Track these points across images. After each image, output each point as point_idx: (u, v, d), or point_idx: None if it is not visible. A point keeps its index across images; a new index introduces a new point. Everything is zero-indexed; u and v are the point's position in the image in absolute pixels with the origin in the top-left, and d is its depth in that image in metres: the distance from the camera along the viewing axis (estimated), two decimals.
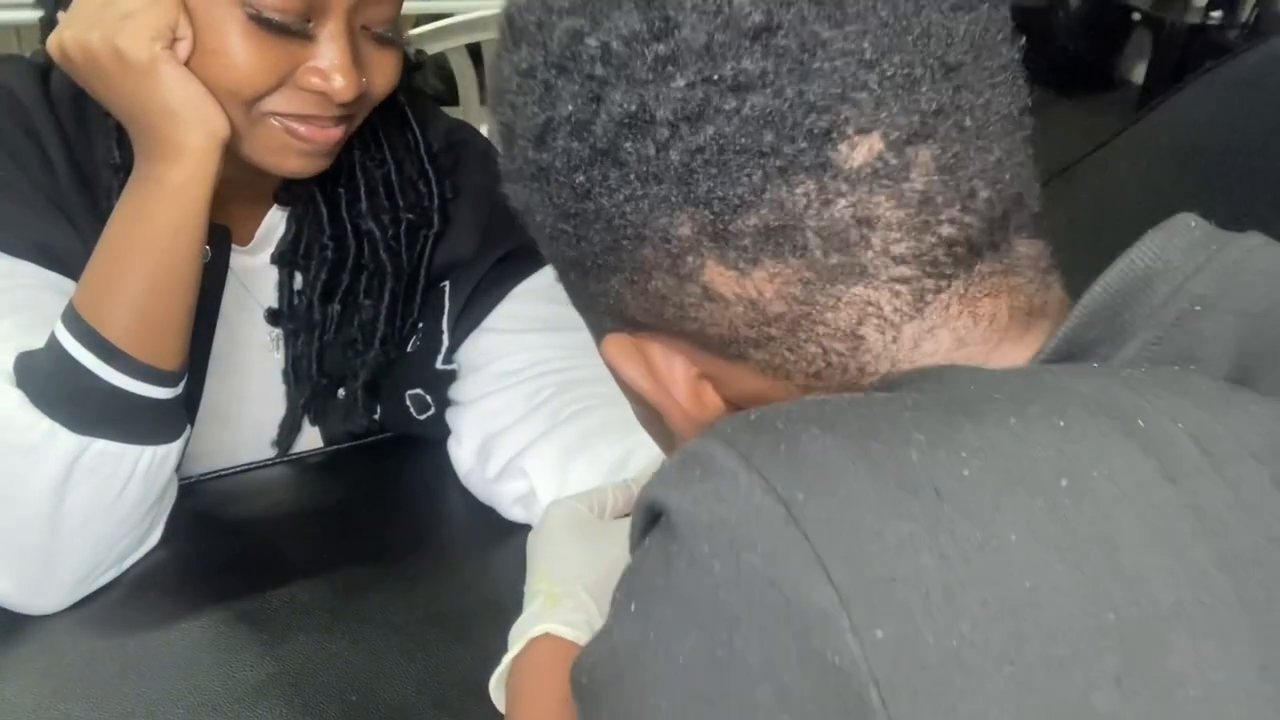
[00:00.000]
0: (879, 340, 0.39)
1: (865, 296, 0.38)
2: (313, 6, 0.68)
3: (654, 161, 0.37)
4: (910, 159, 0.37)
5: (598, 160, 0.38)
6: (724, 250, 0.38)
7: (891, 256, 0.38)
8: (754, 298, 0.39)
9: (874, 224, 0.37)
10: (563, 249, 0.43)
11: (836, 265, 0.38)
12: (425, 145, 0.86)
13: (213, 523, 0.81)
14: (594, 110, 0.38)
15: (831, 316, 0.39)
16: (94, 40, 0.66)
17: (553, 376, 0.84)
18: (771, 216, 0.37)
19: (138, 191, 0.69)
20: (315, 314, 0.84)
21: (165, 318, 0.69)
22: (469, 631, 0.71)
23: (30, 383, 0.67)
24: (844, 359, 0.40)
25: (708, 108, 0.36)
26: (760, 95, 0.36)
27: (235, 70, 0.68)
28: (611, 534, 0.68)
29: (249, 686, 0.66)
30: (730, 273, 0.39)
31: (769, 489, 0.30)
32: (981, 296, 0.40)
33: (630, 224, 0.39)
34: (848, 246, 0.38)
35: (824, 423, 0.32)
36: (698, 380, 0.43)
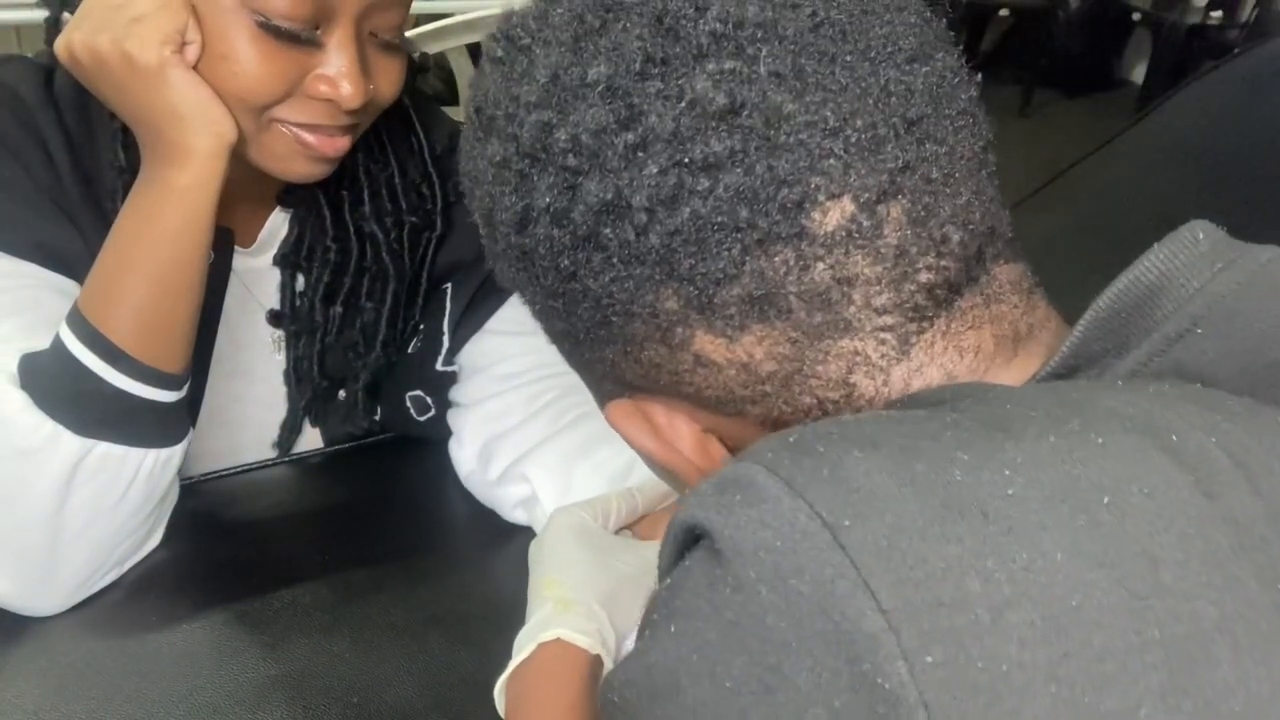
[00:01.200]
0: (870, 385, 0.40)
1: (852, 348, 0.40)
2: (321, 14, 0.68)
3: (634, 244, 0.38)
4: (882, 216, 0.38)
5: (580, 245, 0.39)
6: (711, 320, 0.39)
7: (873, 309, 0.39)
8: (745, 360, 0.40)
9: (853, 282, 0.39)
10: (554, 323, 0.45)
11: (821, 323, 0.39)
12: (428, 148, 0.86)
13: (213, 524, 0.81)
14: (571, 199, 0.39)
15: (822, 369, 0.40)
16: (103, 43, 0.66)
17: (555, 379, 0.84)
18: (754, 286, 0.38)
19: (144, 194, 0.69)
20: (317, 316, 0.84)
21: (170, 321, 0.70)
22: (470, 633, 0.71)
23: (34, 385, 0.67)
24: (839, 406, 0.41)
25: (682, 190, 0.37)
26: (732, 174, 0.37)
27: (244, 77, 0.68)
28: (617, 548, 0.68)
29: (250, 688, 0.66)
30: (719, 340, 0.40)
31: (813, 514, 0.31)
32: (965, 330, 0.41)
33: (618, 302, 0.40)
34: (830, 305, 0.39)
35: (865, 444, 0.32)
36: (703, 435, 0.45)
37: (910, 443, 0.32)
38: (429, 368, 0.89)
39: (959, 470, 0.31)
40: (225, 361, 0.81)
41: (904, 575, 0.29)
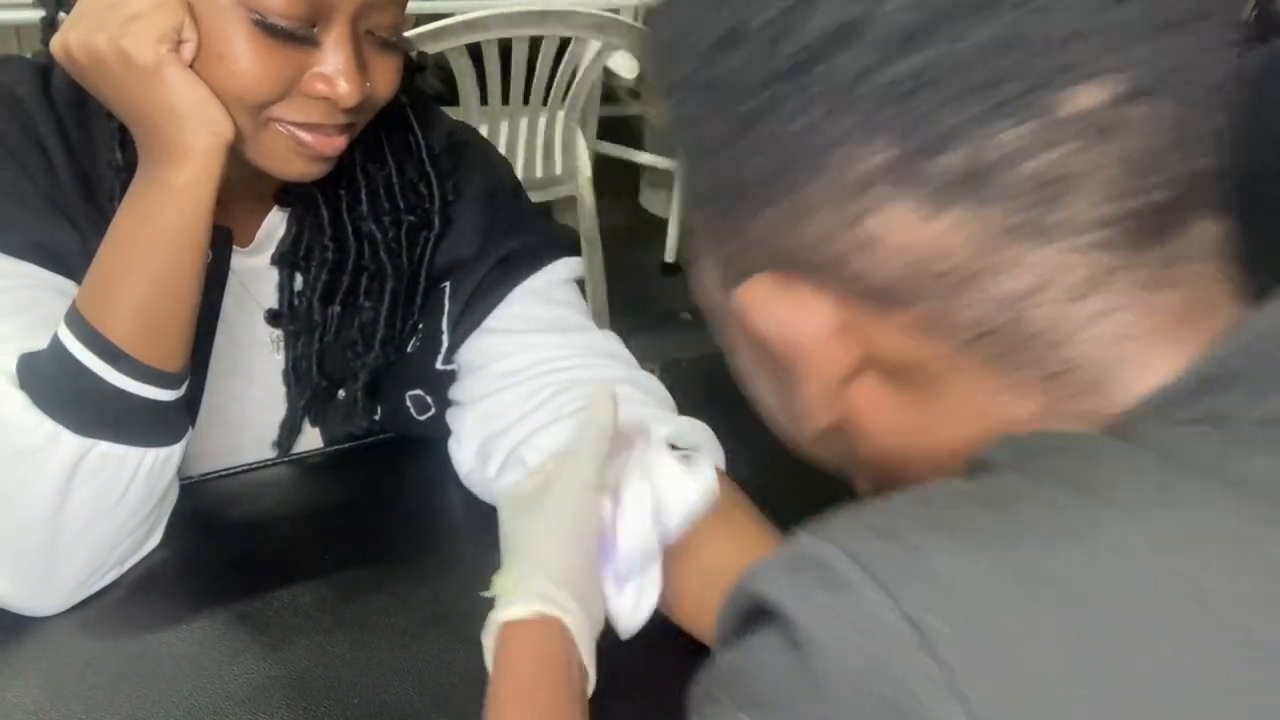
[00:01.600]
0: (1050, 313, 0.35)
1: (1051, 261, 0.35)
2: (318, 12, 0.68)
3: (855, 84, 0.34)
4: (1137, 114, 0.33)
5: (790, 75, 0.35)
6: (913, 190, 0.34)
7: (1091, 219, 0.34)
8: (930, 246, 0.35)
9: (1085, 180, 0.34)
10: (712, 173, 0.39)
11: (1032, 220, 0.34)
12: (427, 147, 0.86)
13: (213, 523, 0.81)
14: (796, 19, 0.34)
15: (1006, 279, 0.35)
16: (100, 42, 0.66)
17: (553, 376, 0.84)
18: (976, 158, 0.33)
19: (142, 194, 0.69)
20: (315, 315, 0.84)
21: (169, 320, 0.69)
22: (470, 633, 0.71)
23: (33, 384, 0.67)
24: (1008, 327, 0.36)
25: (930, 30, 0.33)
26: (990, 23, 0.32)
27: (241, 76, 0.68)
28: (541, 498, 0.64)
29: (250, 688, 0.66)
30: (912, 216, 0.35)
31: (900, 612, 0.28)
32: (1163, 287, 0.36)
33: (807, 152, 0.35)
34: (1051, 201, 0.34)
35: (953, 529, 0.30)
36: (840, 330, 0.39)
37: (1005, 529, 0.29)
38: (428, 367, 0.88)
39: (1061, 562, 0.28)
40: (224, 361, 0.81)
41: (1002, 686, 0.27)
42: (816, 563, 0.30)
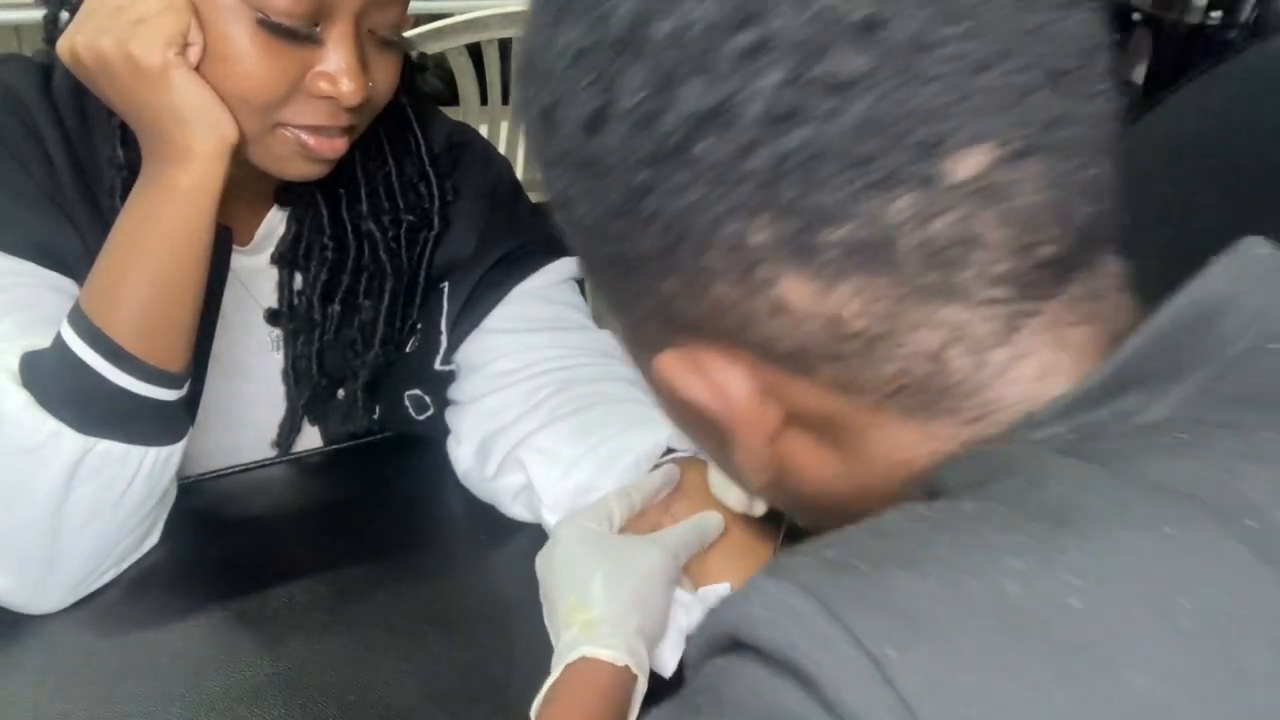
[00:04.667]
0: (964, 365, 0.36)
1: (957, 318, 0.35)
2: (321, 10, 0.68)
3: (732, 165, 0.33)
4: (1020, 174, 0.34)
5: (664, 158, 0.34)
6: (805, 263, 0.34)
7: (990, 277, 0.35)
8: (832, 314, 0.35)
9: (976, 242, 0.34)
10: (604, 246, 0.39)
11: (930, 284, 0.34)
12: (426, 147, 0.86)
13: (212, 522, 0.81)
14: (664, 102, 0.34)
15: (917, 337, 0.35)
16: (106, 45, 0.66)
17: (552, 375, 0.84)
18: (864, 231, 0.33)
19: (145, 194, 0.69)
20: (315, 314, 0.84)
21: (171, 320, 0.70)
22: (468, 632, 0.71)
23: (36, 383, 0.67)
24: (922, 381, 0.36)
25: (800, 109, 0.32)
26: (863, 98, 0.32)
27: (246, 77, 0.68)
28: (629, 547, 0.68)
29: (248, 686, 0.66)
30: (810, 286, 0.35)
31: (856, 643, 0.28)
32: (1071, 324, 0.37)
33: (696, 228, 0.35)
34: (945, 265, 0.34)
35: (909, 561, 0.29)
36: (761, 393, 0.39)
37: (958, 555, 0.29)
38: (427, 367, 0.89)
39: (1014, 583, 0.28)
40: (223, 360, 0.81)
41: (959, 713, 0.27)
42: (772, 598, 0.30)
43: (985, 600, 0.28)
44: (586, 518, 0.70)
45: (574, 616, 0.63)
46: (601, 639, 0.61)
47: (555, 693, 0.60)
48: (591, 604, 0.63)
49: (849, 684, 0.27)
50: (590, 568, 0.66)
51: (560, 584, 0.66)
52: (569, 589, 0.65)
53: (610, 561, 0.66)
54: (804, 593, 0.29)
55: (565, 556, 0.67)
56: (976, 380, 0.36)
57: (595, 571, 0.65)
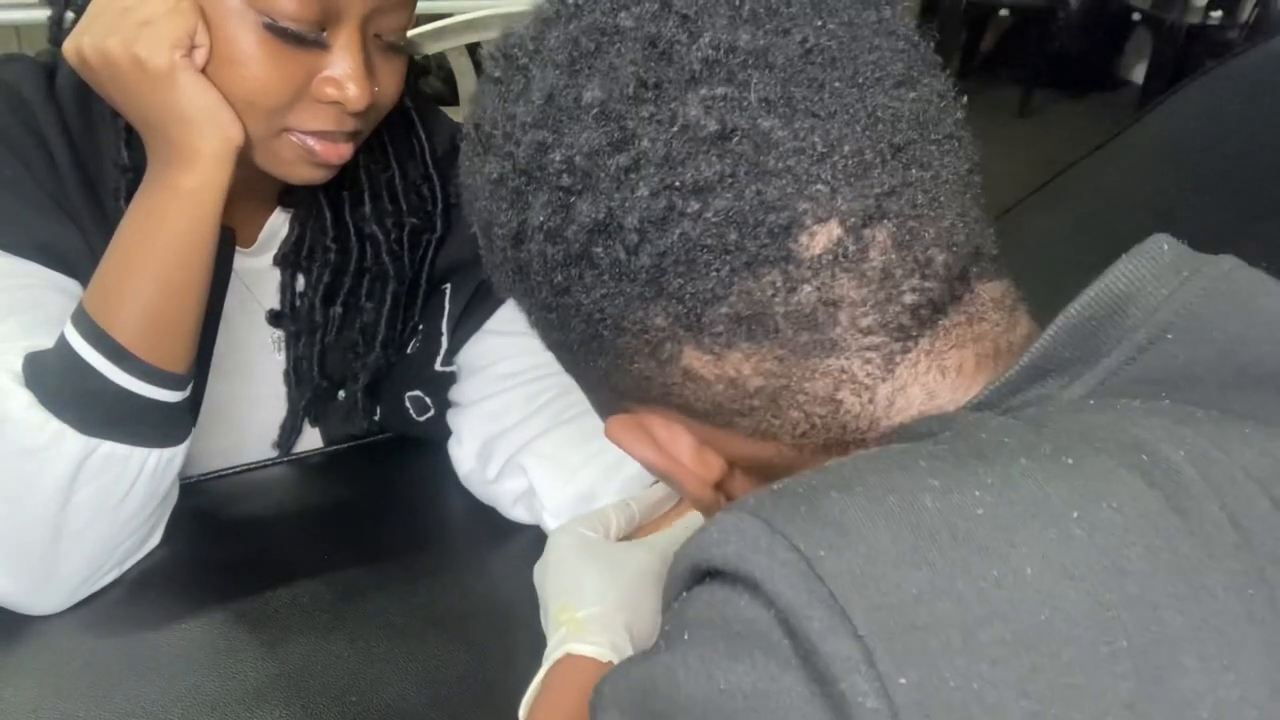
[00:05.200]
0: (856, 402, 0.41)
1: (839, 366, 0.41)
2: (327, 15, 0.68)
3: (625, 263, 0.39)
4: (868, 240, 0.39)
5: (572, 262, 0.40)
6: (699, 338, 0.40)
7: (859, 329, 0.40)
8: (733, 376, 0.41)
9: (839, 303, 0.39)
10: (549, 333, 0.46)
11: (808, 343, 0.40)
12: (430, 150, 0.86)
13: (213, 523, 0.81)
14: (564, 218, 0.40)
15: (809, 386, 0.41)
16: (113, 47, 0.66)
17: (554, 379, 0.84)
18: (741, 306, 0.39)
19: (150, 196, 0.69)
20: (317, 316, 0.85)
21: (175, 321, 0.70)
22: (469, 632, 0.71)
23: (39, 383, 0.67)
24: (825, 420, 0.42)
25: (672, 212, 0.38)
26: (721, 198, 0.38)
27: (252, 81, 0.68)
28: (621, 556, 0.68)
29: (249, 687, 0.66)
30: (707, 357, 0.41)
31: (792, 547, 0.32)
32: (948, 350, 0.41)
33: (608, 317, 0.41)
34: (817, 325, 0.40)
35: (842, 485, 0.34)
36: (700, 445, 0.45)
37: (885, 478, 0.34)
38: (428, 368, 0.89)
39: (930, 497, 0.32)
40: (225, 361, 0.81)
41: (878, 601, 0.31)
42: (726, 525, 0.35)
43: (904, 510, 0.32)
44: (583, 524, 0.71)
45: (563, 616, 0.64)
46: (587, 637, 0.61)
47: (541, 691, 0.61)
48: (580, 604, 0.64)
49: (786, 582, 0.32)
50: (581, 570, 0.66)
51: (552, 587, 0.67)
52: (560, 591, 0.66)
53: (600, 564, 0.67)
54: (751, 515, 0.34)
55: (558, 560, 0.68)
56: (871, 413, 0.41)
57: (585, 573, 0.66)
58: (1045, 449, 0.34)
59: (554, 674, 0.61)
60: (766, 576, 0.32)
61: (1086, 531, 0.31)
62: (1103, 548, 0.31)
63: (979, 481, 0.33)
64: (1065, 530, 0.31)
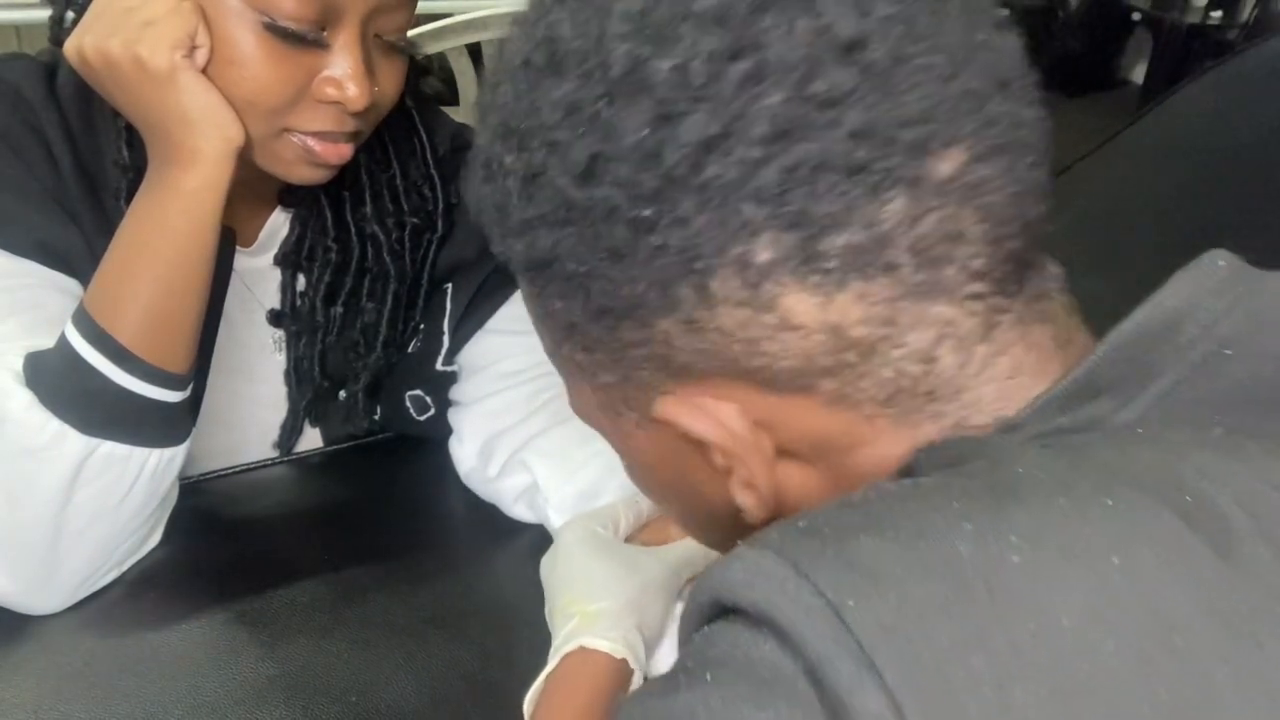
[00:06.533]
0: (952, 361, 0.39)
1: (945, 315, 0.38)
2: (327, 15, 0.68)
3: (739, 184, 0.36)
4: (990, 171, 0.37)
5: (668, 190, 0.36)
6: (807, 275, 0.37)
7: (970, 272, 0.38)
8: (836, 322, 0.37)
9: (959, 238, 0.37)
10: (595, 299, 0.40)
11: (922, 283, 0.37)
12: (431, 149, 0.86)
13: (213, 523, 0.81)
14: (666, 136, 0.36)
15: (911, 337, 0.38)
16: (114, 47, 0.66)
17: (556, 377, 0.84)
18: (863, 235, 0.36)
19: (151, 196, 0.69)
20: (318, 316, 0.85)
21: (176, 321, 0.70)
22: (469, 632, 0.71)
23: (40, 383, 0.67)
24: (915, 382, 0.39)
25: (800, 124, 0.35)
26: (854, 110, 0.35)
27: (252, 81, 0.68)
28: (633, 558, 0.68)
29: (249, 687, 0.66)
30: (814, 298, 0.37)
31: (819, 594, 0.31)
32: (1034, 322, 0.40)
33: (701, 255, 0.37)
34: (934, 262, 0.37)
35: (870, 526, 0.32)
36: (755, 426, 0.41)
37: (915, 520, 0.32)
38: (429, 368, 0.89)
39: (963, 543, 0.31)
40: (226, 361, 0.81)
41: (908, 653, 0.29)
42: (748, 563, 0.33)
43: (936, 557, 0.31)
44: (592, 520, 0.71)
45: (573, 607, 0.63)
46: (601, 631, 0.61)
47: (551, 683, 0.60)
48: (591, 597, 0.63)
49: (813, 631, 0.30)
50: (593, 565, 0.66)
51: (561, 579, 0.66)
52: (569, 583, 0.66)
53: (614, 562, 0.66)
54: (776, 556, 0.32)
55: (568, 554, 0.68)
56: (961, 379, 0.39)
57: (598, 568, 0.66)
58: (1084, 488, 0.33)
59: (565, 666, 0.60)
60: (793, 624, 0.31)
61: (1127, 578, 0.30)
62: (1143, 595, 0.30)
63: (1014, 525, 0.31)
64: (1104, 577, 0.30)
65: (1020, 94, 0.38)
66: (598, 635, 0.61)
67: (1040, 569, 0.30)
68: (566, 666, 0.60)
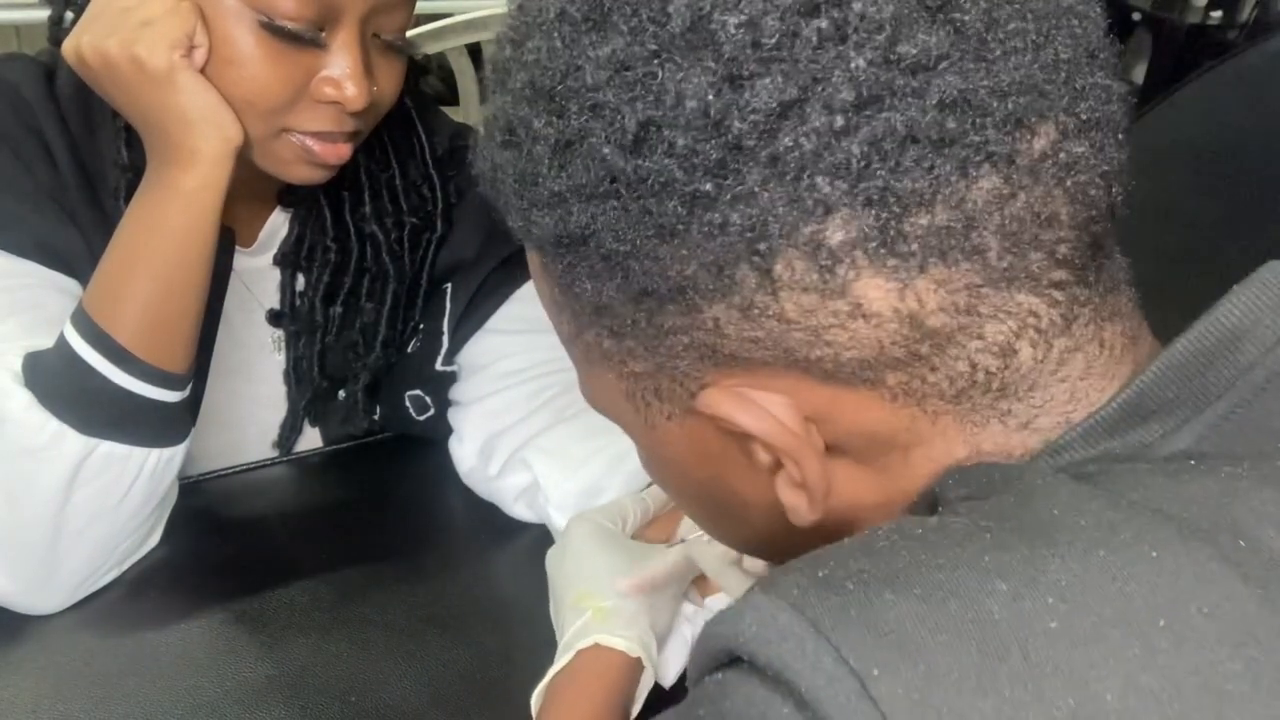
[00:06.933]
0: (1030, 356, 0.36)
1: (1028, 305, 0.35)
2: (326, 15, 0.68)
3: (817, 156, 0.32)
4: (1081, 149, 0.34)
5: (734, 160, 0.32)
6: (885, 259, 0.33)
7: (1056, 258, 0.35)
8: (913, 310, 0.34)
9: (1049, 221, 0.34)
10: (636, 280, 0.36)
11: (1006, 269, 0.34)
12: (430, 149, 0.86)
13: (213, 523, 0.81)
14: (733, 100, 0.32)
15: (990, 328, 0.35)
16: (112, 47, 0.66)
17: (556, 376, 0.84)
18: (948, 215, 0.33)
19: (150, 196, 0.69)
20: (317, 316, 0.85)
21: (175, 321, 0.70)
22: (469, 632, 0.71)
23: (39, 383, 0.67)
24: (990, 378, 0.36)
25: (885, 91, 0.32)
26: (945, 76, 0.32)
27: (251, 81, 0.68)
28: (641, 552, 0.68)
29: (248, 687, 0.66)
30: (890, 284, 0.34)
31: (840, 660, 0.29)
32: (1107, 319, 0.37)
33: (767, 235, 0.33)
34: (1021, 247, 0.34)
35: (897, 582, 0.30)
36: (806, 422, 0.38)
37: (945, 576, 0.30)
38: (428, 368, 0.89)
39: (997, 604, 0.29)
40: (225, 361, 0.81)
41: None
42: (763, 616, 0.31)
43: (967, 622, 0.29)
44: (600, 515, 0.70)
45: (586, 602, 0.62)
46: (615, 629, 0.60)
47: (564, 679, 0.60)
48: (603, 594, 0.63)
49: (834, 701, 0.28)
50: (605, 561, 0.65)
51: (571, 574, 0.66)
52: (580, 579, 0.65)
53: (625, 559, 0.66)
54: (794, 611, 0.30)
55: (578, 549, 0.67)
56: (1036, 375, 0.36)
57: (610, 564, 0.65)
58: (1125, 535, 0.30)
59: (579, 663, 0.60)
60: (812, 692, 0.28)
61: (1174, 644, 0.28)
62: (1194, 665, 0.28)
63: (1051, 582, 0.29)
64: (1150, 643, 0.28)
65: (1107, 65, 0.35)
66: (613, 633, 0.60)
67: (1079, 634, 0.28)
68: (580, 663, 0.60)
